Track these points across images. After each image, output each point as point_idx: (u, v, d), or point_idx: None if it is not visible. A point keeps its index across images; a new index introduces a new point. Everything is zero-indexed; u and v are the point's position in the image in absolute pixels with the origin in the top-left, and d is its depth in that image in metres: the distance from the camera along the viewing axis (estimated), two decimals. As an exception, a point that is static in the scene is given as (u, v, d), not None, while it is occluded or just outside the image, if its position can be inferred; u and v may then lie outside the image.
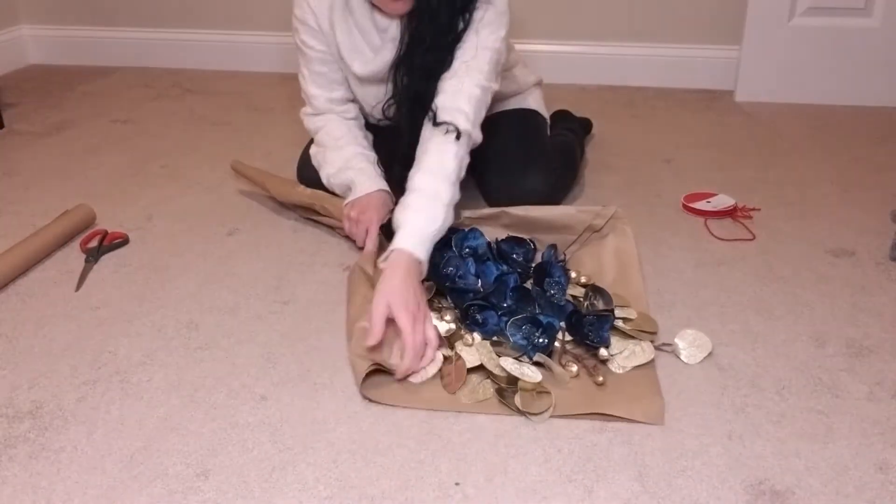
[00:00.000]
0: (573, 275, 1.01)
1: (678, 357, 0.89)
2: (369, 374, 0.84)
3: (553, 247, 1.05)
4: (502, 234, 1.09)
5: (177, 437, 0.79)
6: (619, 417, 0.80)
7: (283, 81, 2.00)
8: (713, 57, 1.88)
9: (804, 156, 1.50)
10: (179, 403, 0.84)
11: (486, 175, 1.28)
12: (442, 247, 0.99)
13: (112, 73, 2.12)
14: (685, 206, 1.27)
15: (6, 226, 1.26)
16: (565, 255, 1.07)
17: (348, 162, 1.15)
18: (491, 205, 1.26)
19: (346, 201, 1.13)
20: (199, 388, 0.86)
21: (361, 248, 1.10)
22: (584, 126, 1.56)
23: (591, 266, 1.05)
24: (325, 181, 1.18)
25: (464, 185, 1.37)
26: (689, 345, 0.90)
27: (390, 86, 1.14)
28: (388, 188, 1.13)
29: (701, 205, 1.26)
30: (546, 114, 1.38)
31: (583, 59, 1.94)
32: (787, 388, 0.85)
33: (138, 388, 0.86)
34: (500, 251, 1.02)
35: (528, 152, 1.26)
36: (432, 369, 0.86)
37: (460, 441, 0.78)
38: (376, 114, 1.22)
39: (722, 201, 1.27)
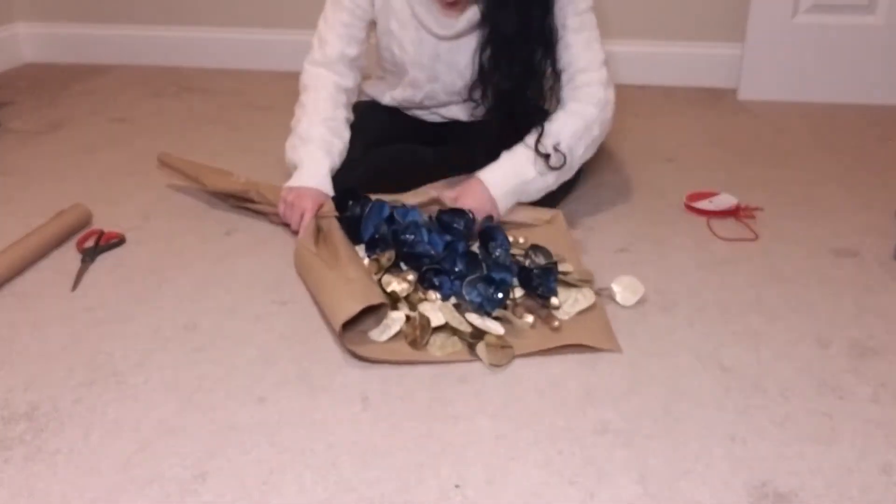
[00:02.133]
0: (512, 239, 1.08)
1: (613, 300, 0.99)
2: (349, 328, 0.90)
3: (490, 217, 1.11)
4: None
5: (174, 439, 0.78)
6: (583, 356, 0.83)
7: (282, 80, 1.99)
8: (716, 55, 1.87)
9: (808, 155, 1.49)
10: (177, 405, 0.83)
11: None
12: (389, 221, 1.07)
13: (109, 71, 2.11)
14: (687, 206, 1.27)
15: (2, 226, 1.25)
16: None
17: (308, 143, 1.18)
18: None
19: (287, 184, 1.17)
20: (197, 389, 0.85)
21: (296, 233, 1.14)
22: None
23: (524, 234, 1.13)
24: (287, 145, 1.22)
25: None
26: (624, 289, 0.99)
27: (476, 58, 1.17)
28: (328, 187, 1.17)
29: (703, 204, 1.26)
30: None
31: (583, 57, 1.92)
32: (790, 389, 0.84)
33: (135, 390, 0.86)
34: (441, 222, 1.08)
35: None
36: (395, 327, 0.91)
37: (460, 443, 0.77)
38: (444, 91, 1.25)
39: (724, 201, 1.26)
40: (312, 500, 0.71)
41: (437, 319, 0.91)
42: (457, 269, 0.98)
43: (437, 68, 1.23)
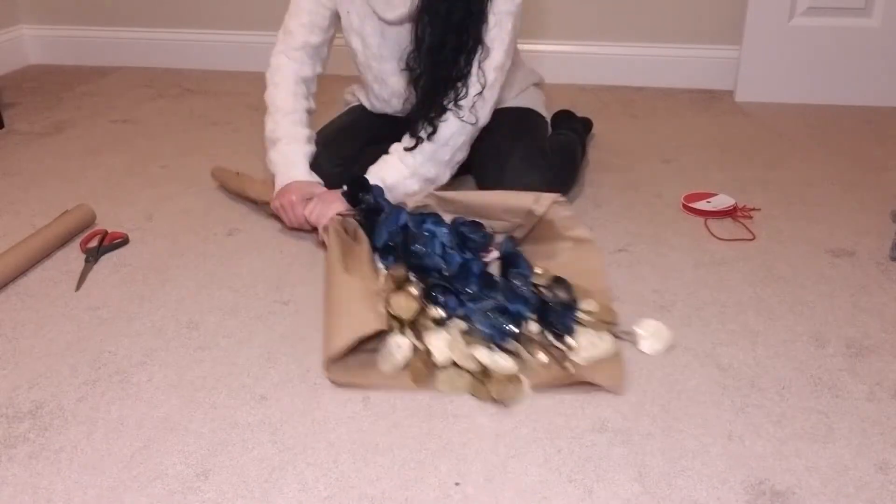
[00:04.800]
0: (535, 269, 1.01)
1: (637, 347, 0.91)
2: (342, 357, 0.86)
3: (512, 239, 1.05)
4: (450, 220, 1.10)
5: (177, 437, 0.79)
6: (589, 389, 0.81)
7: (283, 81, 2.00)
8: (713, 57, 1.88)
9: (804, 156, 1.50)
10: (179, 403, 0.84)
11: (483, 173, 1.29)
12: (405, 228, 1.02)
13: (112, 73, 2.12)
14: (685, 207, 1.27)
15: (6, 226, 1.26)
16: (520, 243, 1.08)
17: (277, 143, 1.20)
18: None
19: (274, 193, 1.18)
20: (199, 388, 0.86)
21: (291, 229, 1.18)
22: (585, 126, 1.56)
23: (550, 264, 1.04)
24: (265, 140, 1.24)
25: (462, 184, 1.38)
26: (650, 335, 0.92)
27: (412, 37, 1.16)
28: (308, 174, 1.19)
29: (701, 205, 1.26)
30: (546, 114, 1.38)
31: (582, 58, 1.94)
32: (787, 388, 0.85)
33: (138, 388, 0.86)
34: (459, 234, 1.03)
35: (526, 151, 1.26)
36: (399, 356, 0.87)
37: (460, 441, 0.78)
38: (391, 84, 1.24)
39: (722, 201, 1.27)
40: (314, 497, 0.71)
41: (442, 356, 0.86)
42: (469, 291, 0.92)
43: (385, 57, 1.23)
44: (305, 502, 0.71)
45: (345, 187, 1.13)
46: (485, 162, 1.28)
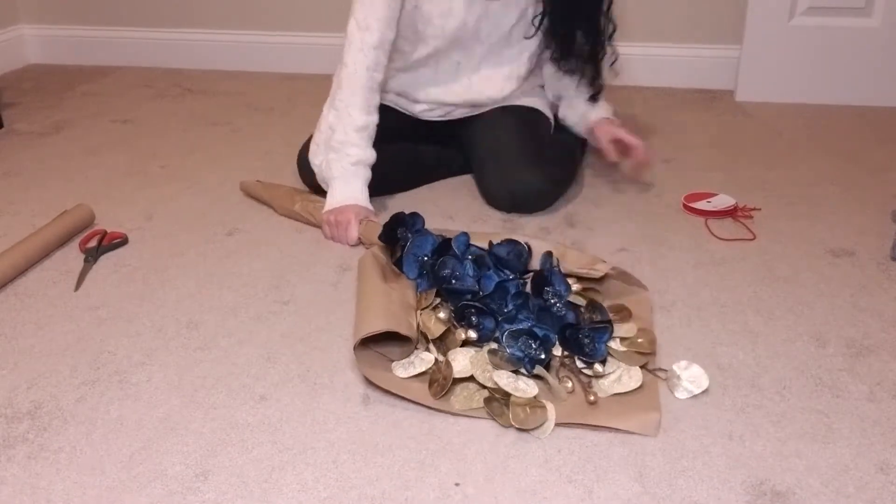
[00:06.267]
0: (571, 284, 0.97)
1: (670, 390, 0.84)
2: (369, 345, 0.86)
3: (549, 254, 1.00)
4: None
5: (176, 437, 0.79)
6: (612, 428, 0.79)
7: (283, 81, 2.00)
8: (713, 57, 1.88)
9: (804, 156, 1.50)
10: (179, 403, 0.84)
11: (484, 170, 1.29)
12: (442, 251, 0.98)
13: (112, 72, 2.12)
14: (685, 206, 1.27)
15: (6, 226, 1.26)
16: (558, 261, 1.02)
17: (342, 158, 1.17)
18: (488, 201, 1.27)
19: (326, 208, 1.17)
20: (199, 388, 0.86)
21: (349, 245, 1.15)
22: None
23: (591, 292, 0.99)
24: (314, 161, 1.22)
25: (463, 183, 1.38)
26: (689, 382, 0.84)
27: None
28: (366, 201, 1.18)
29: (701, 205, 1.26)
30: (549, 113, 1.39)
31: (583, 58, 1.93)
32: (787, 388, 0.85)
33: (138, 389, 0.86)
34: (495, 255, 0.99)
35: (527, 149, 1.26)
36: (420, 367, 0.85)
37: (460, 441, 0.78)
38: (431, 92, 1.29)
39: (722, 201, 1.27)
40: (313, 497, 0.71)
41: (462, 370, 0.83)
42: (506, 311, 0.89)
43: (460, 35, 1.22)
44: (305, 502, 0.71)
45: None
46: (485, 159, 1.29)
